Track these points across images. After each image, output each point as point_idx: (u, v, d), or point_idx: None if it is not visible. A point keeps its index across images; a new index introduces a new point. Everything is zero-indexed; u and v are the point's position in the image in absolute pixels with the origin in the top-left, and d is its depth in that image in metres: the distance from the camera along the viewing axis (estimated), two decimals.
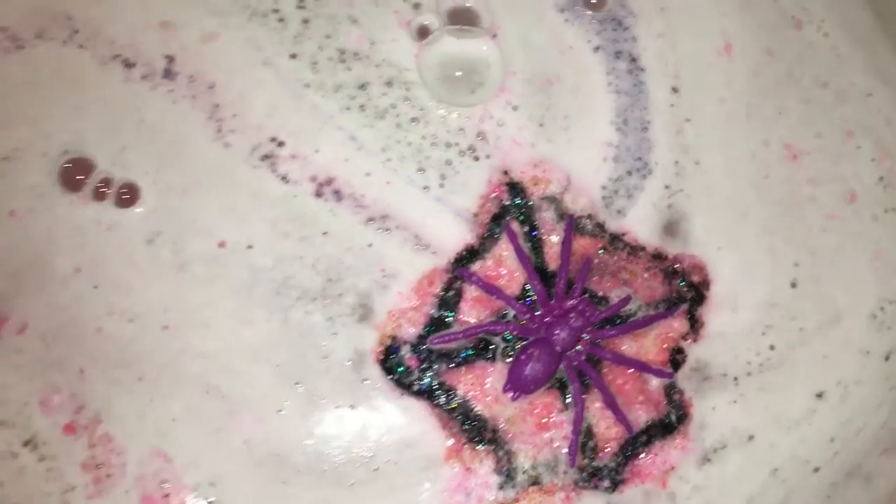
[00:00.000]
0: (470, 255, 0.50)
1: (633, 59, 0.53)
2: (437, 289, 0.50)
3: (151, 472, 0.48)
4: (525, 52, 0.52)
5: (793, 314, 0.52)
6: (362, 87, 0.51)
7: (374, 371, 0.49)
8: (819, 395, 0.52)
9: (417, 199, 0.50)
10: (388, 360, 0.49)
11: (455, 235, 0.50)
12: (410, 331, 0.50)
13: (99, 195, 0.50)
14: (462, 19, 0.53)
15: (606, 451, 0.50)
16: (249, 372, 0.48)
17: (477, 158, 0.51)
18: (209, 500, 0.48)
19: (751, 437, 0.51)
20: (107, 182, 0.50)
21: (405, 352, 0.49)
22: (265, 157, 0.50)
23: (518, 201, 0.51)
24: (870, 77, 0.56)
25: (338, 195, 0.50)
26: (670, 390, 0.50)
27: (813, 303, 0.52)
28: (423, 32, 0.52)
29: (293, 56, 0.51)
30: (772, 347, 0.51)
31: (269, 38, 0.51)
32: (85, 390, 0.49)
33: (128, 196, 0.49)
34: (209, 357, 0.49)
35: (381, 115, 0.51)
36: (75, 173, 0.50)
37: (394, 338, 0.50)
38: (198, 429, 0.48)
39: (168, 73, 0.51)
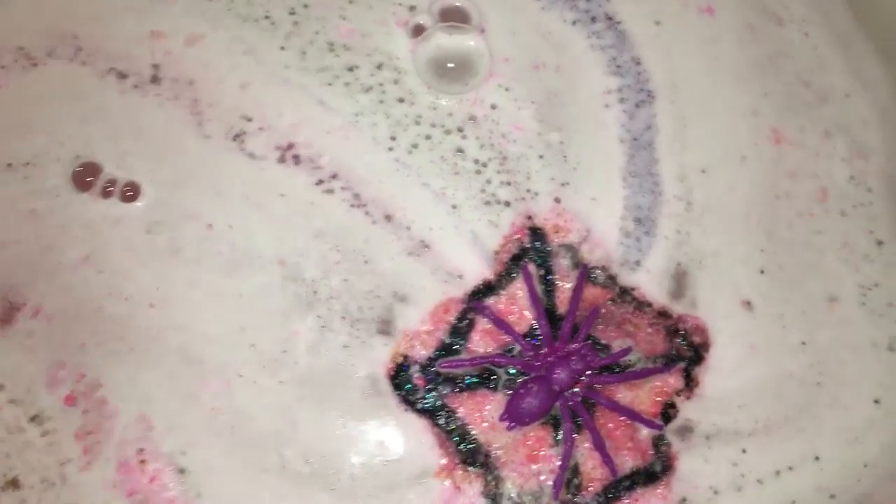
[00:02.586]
0: (486, 289, 0.58)
1: (610, 18, 0.61)
2: (452, 317, 0.57)
3: (133, 438, 0.55)
4: (512, 42, 0.61)
5: (785, 297, 0.59)
6: (350, 69, 0.60)
7: (383, 383, 0.56)
8: (875, 402, 0.58)
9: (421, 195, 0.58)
10: (399, 376, 0.56)
11: (473, 265, 0.58)
12: (422, 352, 0.57)
13: (106, 193, 0.58)
14: (454, 17, 0.61)
15: (589, 489, 0.56)
16: (224, 345, 0.56)
17: (465, 137, 0.59)
18: (180, 468, 0.55)
19: (715, 491, 0.57)
20: (112, 182, 0.58)
21: (414, 371, 0.57)
22: (236, 137, 0.58)
23: (538, 245, 0.58)
24: (849, 78, 0.63)
25: (296, 159, 0.58)
26: (658, 441, 0.57)
27: (792, 288, 0.59)
28: (417, 31, 0.61)
29: (282, 48, 0.60)
30: (804, 343, 0.58)
31: (259, 36, 0.60)
32: (85, 361, 0.56)
33: (130, 193, 0.58)
34: (188, 330, 0.56)
35: (366, 90, 0.59)
36: (86, 175, 0.58)
37: (406, 356, 0.57)
38: (176, 396, 0.56)
39: (155, 79, 0.59)
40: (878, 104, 0.63)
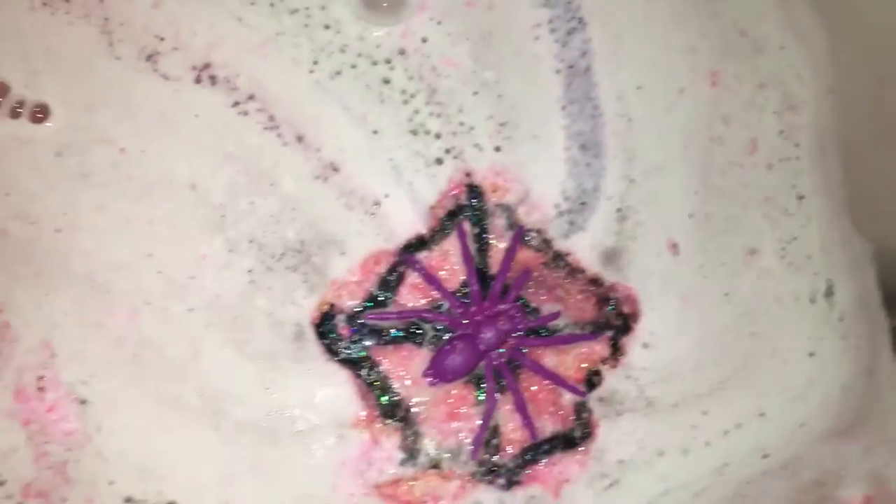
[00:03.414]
0: (419, 244, 0.58)
1: None
2: (382, 269, 0.58)
3: (34, 364, 0.56)
4: None
5: (705, 247, 0.60)
6: None
7: (307, 330, 0.57)
8: (810, 355, 0.61)
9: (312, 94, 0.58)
10: (323, 324, 0.57)
11: (408, 219, 0.58)
12: (348, 303, 0.57)
13: (14, 114, 0.58)
14: None
15: (508, 451, 0.57)
16: (132, 271, 0.57)
17: (393, 69, 0.59)
18: (81, 399, 0.56)
19: (661, 453, 0.58)
20: (21, 103, 0.58)
21: (340, 320, 0.57)
22: (149, 57, 0.58)
23: (475, 203, 0.59)
24: (784, 31, 0.64)
25: (213, 80, 0.58)
26: (580, 408, 0.58)
27: (714, 238, 0.60)
28: None
29: None
30: (726, 295, 0.60)
31: None
32: None
33: (40, 114, 0.58)
34: (95, 256, 0.56)
35: (290, 12, 0.58)
36: None
37: (332, 305, 0.57)
38: (82, 323, 0.56)
39: None
40: (811, 59, 0.64)
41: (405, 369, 0.57)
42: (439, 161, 0.58)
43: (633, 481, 0.58)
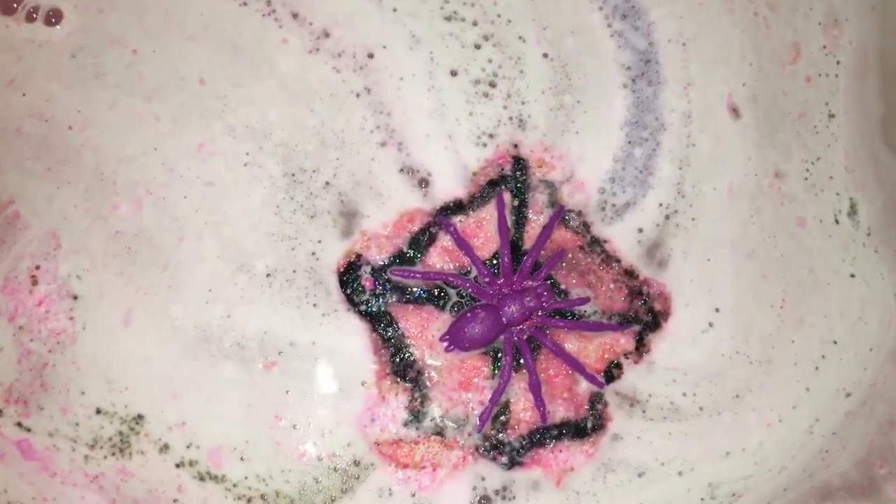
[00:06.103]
0: (456, 207, 0.58)
1: None
2: (415, 227, 0.58)
3: (36, 253, 0.57)
4: None
5: (752, 138, 0.61)
6: None
7: (329, 277, 0.57)
8: (851, 276, 0.61)
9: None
10: (348, 274, 0.57)
11: (450, 175, 0.58)
12: (376, 256, 0.57)
13: (30, 18, 0.60)
14: None
15: (515, 430, 0.57)
16: (137, 164, 0.58)
17: None
18: (74, 294, 0.57)
19: (662, 464, 0.58)
20: (36, 8, 0.60)
21: (364, 272, 0.57)
22: None
23: (518, 176, 0.59)
24: None
25: None
26: (596, 399, 0.57)
27: (757, 143, 0.61)
28: None
29: None
30: (751, 216, 0.60)
31: None
32: (1, 181, 0.58)
33: (54, 18, 0.60)
34: (104, 151, 0.58)
35: None
36: (10, 0, 0.60)
37: (359, 256, 0.57)
38: (88, 215, 0.58)
39: None
40: None
41: (423, 331, 0.57)
42: (477, 46, 0.59)
43: (641, 482, 0.58)
